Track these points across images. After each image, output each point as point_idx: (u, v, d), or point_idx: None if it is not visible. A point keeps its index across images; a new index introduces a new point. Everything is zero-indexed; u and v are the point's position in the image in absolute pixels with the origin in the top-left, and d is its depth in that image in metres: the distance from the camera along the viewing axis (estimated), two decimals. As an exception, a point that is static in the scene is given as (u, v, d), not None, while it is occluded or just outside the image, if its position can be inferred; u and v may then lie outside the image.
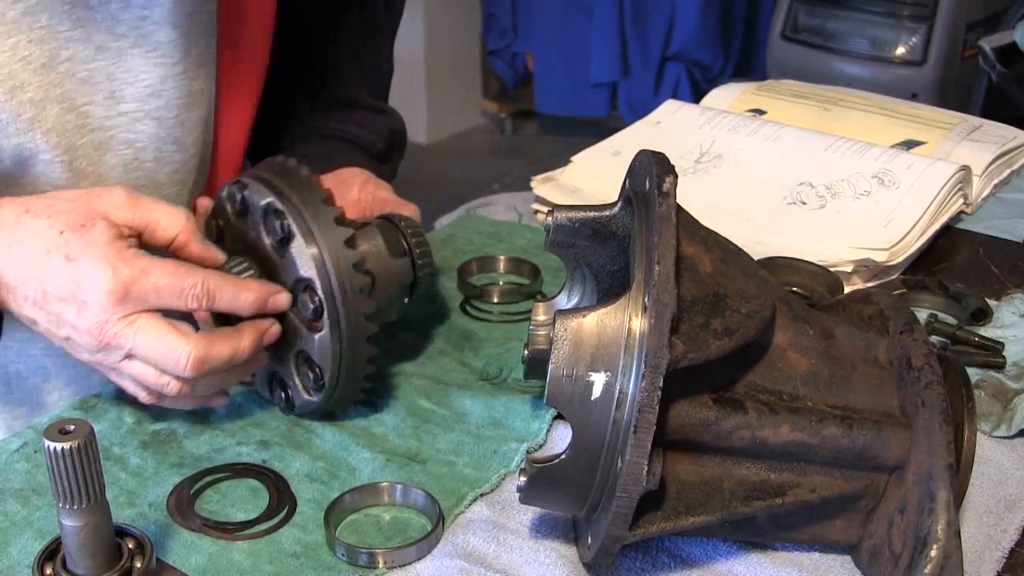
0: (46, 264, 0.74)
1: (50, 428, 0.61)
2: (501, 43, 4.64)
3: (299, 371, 0.84)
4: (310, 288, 0.79)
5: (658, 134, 1.33)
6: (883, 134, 1.31)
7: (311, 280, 0.79)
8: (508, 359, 0.96)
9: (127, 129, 0.89)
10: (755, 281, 0.69)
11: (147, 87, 0.88)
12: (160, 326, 0.76)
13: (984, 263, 1.15)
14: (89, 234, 0.74)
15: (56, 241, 0.74)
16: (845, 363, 0.71)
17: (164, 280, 0.75)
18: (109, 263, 0.74)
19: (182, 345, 0.75)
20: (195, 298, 0.76)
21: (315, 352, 0.81)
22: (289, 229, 0.79)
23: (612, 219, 0.72)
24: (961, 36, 3.13)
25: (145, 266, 0.75)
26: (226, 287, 0.78)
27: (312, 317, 0.80)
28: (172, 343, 0.75)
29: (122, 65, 0.86)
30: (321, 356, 0.81)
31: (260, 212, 0.81)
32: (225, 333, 0.79)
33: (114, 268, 0.74)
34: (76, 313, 0.74)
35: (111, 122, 0.87)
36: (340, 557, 0.73)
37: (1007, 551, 0.74)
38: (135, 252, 0.75)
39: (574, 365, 0.62)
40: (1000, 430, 0.86)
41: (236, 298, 0.79)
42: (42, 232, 0.74)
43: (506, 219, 1.27)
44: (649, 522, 0.65)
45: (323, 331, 0.80)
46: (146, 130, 0.90)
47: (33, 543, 0.73)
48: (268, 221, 0.81)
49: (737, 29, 4.27)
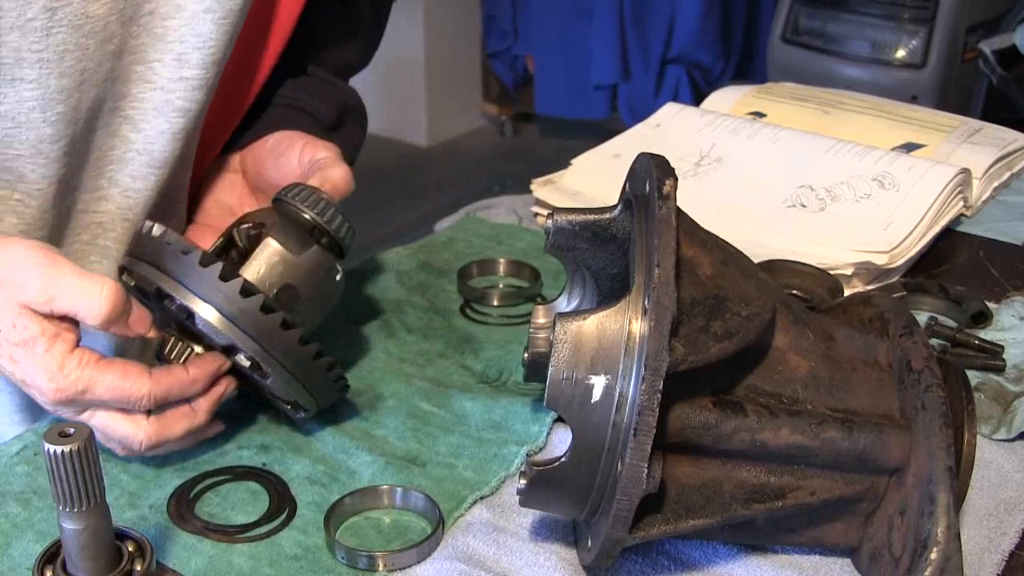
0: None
1: (50, 431, 0.61)
2: (501, 45, 4.64)
3: (276, 403, 0.84)
4: (236, 350, 0.78)
5: (658, 137, 1.33)
6: (883, 137, 1.31)
7: (233, 344, 0.77)
8: (508, 362, 0.96)
9: (184, 96, 0.87)
10: (755, 284, 0.69)
11: (213, 54, 0.86)
12: (108, 418, 0.76)
13: (984, 266, 1.15)
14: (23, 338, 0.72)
15: None
16: (845, 366, 0.71)
17: (108, 394, 0.74)
18: (51, 379, 0.72)
19: (133, 432, 0.76)
20: (141, 405, 0.76)
21: (278, 392, 0.81)
22: (187, 308, 0.76)
23: (612, 222, 0.72)
24: (961, 39, 3.14)
25: (89, 380, 0.73)
26: (174, 387, 0.77)
27: (252, 369, 0.79)
28: (123, 431, 0.76)
29: (194, 28, 0.84)
30: (283, 392, 0.81)
31: (155, 299, 0.78)
32: (177, 412, 0.79)
33: (56, 384, 0.73)
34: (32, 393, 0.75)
35: (173, 84, 0.86)
36: (340, 560, 0.73)
37: (1007, 554, 0.74)
38: (79, 360, 0.73)
39: (574, 368, 0.62)
40: (1000, 433, 0.86)
41: (186, 392, 0.78)
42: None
43: (506, 222, 1.27)
44: (649, 525, 0.65)
45: (271, 376, 0.79)
46: (201, 99, 0.88)
47: (34, 545, 0.73)
48: (166, 305, 0.78)
49: (737, 31, 4.27)
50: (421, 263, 1.15)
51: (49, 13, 0.76)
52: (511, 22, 4.56)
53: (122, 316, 0.74)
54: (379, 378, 0.94)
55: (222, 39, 0.86)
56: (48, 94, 0.79)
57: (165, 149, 0.89)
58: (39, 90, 0.78)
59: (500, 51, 4.66)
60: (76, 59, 0.78)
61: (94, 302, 0.73)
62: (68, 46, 0.77)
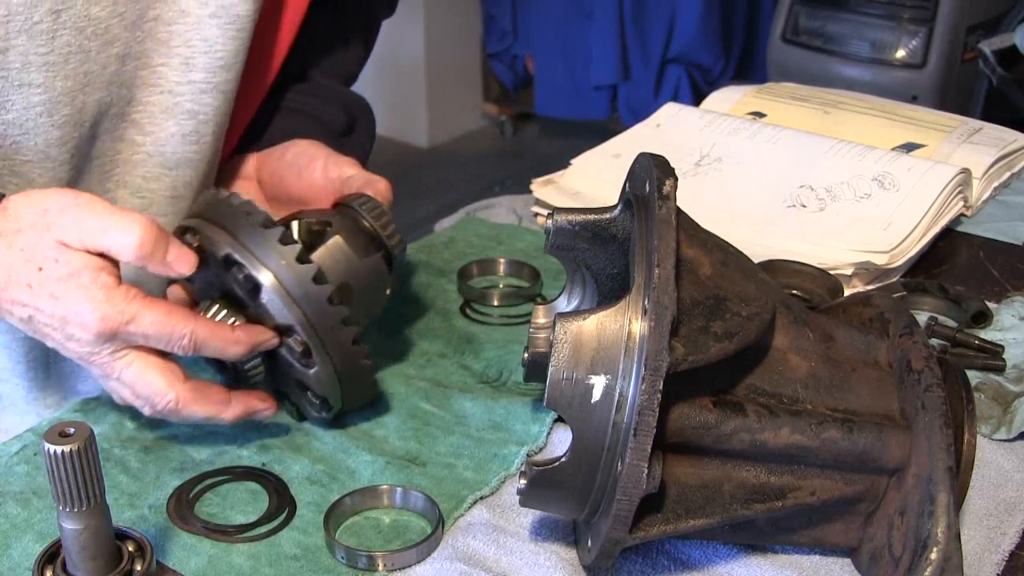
0: (30, 296, 0.73)
1: (50, 431, 0.61)
2: (501, 46, 4.64)
3: (304, 397, 0.84)
4: (291, 331, 0.78)
5: (658, 137, 1.33)
6: (883, 137, 1.31)
7: (291, 326, 0.78)
8: (508, 362, 0.96)
9: (193, 100, 0.88)
10: (755, 284, 0.69)
11: (220, 59, 0.87)
12: (147, 366, 0.76)
13: (984, 266, 1.15)
14: (68, 272, 0.73)
15: (37, 277, 0.73)
16: (845, 366, 0.71)
17: (152, 328, 0.74)
18: (96, 308, 0.72)
19: (164, 390, 0.76)
20: (182, 348, 0.76)
21: (314, 384, 0.81)
22: (255, 280, 0.77)
23: (612, 222, 0.72)
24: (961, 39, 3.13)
25: (134, 313, 0.74)
26: (214, 339, 0.77)
27: (302, 355, 0.79)
28: (155, 386, 0.76)
29: (200, 32, 0.85)
30: (321, 387, 0.81)
31: (220, 263, 0.78)
32: (213, 395, 0.79)
33: (102, 313, 0.73)
34: (64, 339, 0.74)
35: (180, 88, 0.87)
36: (340, 560, 0.73)
37: (1007, 554, 0.74)
38: (125, 293, 0.74)
39: (574, 368, 0.62)
40: (1000, 433, 0.86)
41: (224, 350, 0.78)
42: (19, 264, 0.73)
43: (506, 222, 1.27)
44: (649, 525, 0.65)
45: (316, 367, 0.79)
46: (212, 103, 0.89)
47: (34, 545, 0.73)
48: (232, 272, 0.78)
49: (738, 32, 4.27)
50: (421, 263, 1.15)
51: (54, 16, 0.76)
52: (511, 22, 4.55)
53: (157, 251, 0.74)
54: (379, 378, 0.93)
55: (229, 44, 0.86)
56: (55, 97, 0.79)
57: (177, 151, 0.89)
58: (46, 94, 0.79)
59: (500, 51, 4.65)
60: (80, 61, 0.79)
61: (129, 235, 0.73)
62: (72, 48, 0.78)
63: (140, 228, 0.73)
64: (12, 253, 0.73)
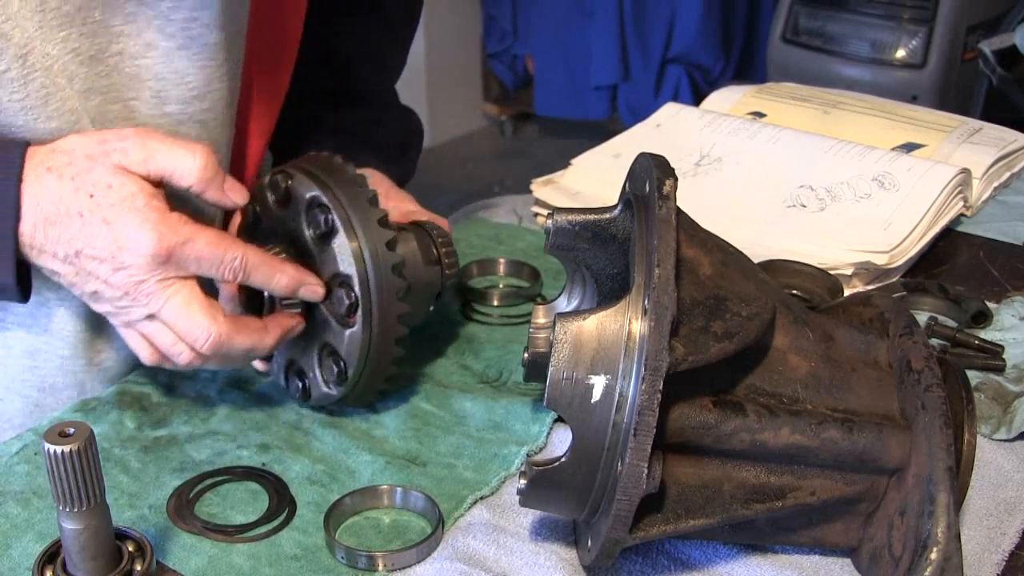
0: (80, 226, 0.74)
1: (50, 431, 0.61)
2: (501, 46, 4.64)
3: (323, 364, 0.85)
4: (347, 284, 0.80)
5: (658, 137, 1.33)
6: (883, 137, 1.31)
7: (350, 276, 0.80)
8: (508, 362, 0.96)
9: (171, 131, 0.88)
10: (755, 284, 0.69)
11: (192, 89, 0.87)
12: (192, 298, 0.77)
13: (984, 266, 1.15)
14: (122, 196, 0.75)
15: (88, 204, 0.74)
16: (845, 366, 0.71)
17: (206, 250, 0.76)
18: (153, 228, 0.74)
19: (207, 323, 0.77)
20: (232, 271, 0.77)
21: (343, 347, 0.82)
22: (333, 223, 0.80)
23: (612, 222, 0.72)
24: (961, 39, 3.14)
25: (189, 234, 0.76)
26: (264, 266, 0.79)
27: (346, 312, 0.81)
28: (198, 319, 0.77)
29: (169, 65, 0.85)
30: (349, 351, 0.82)
31: (304, 204, 0.82)
32: (251, 324, 0.80)
33: (159, 233, 0.74)
34: (111, 271, 0.75)
35: (157, 122, 0.87)
36: (340, 560, 0.73)
37: (1007, 554, 0.74)
38: (178, 217, 0.76)
39: (574, 368, 0.62)
40: (1000, 433, 0.86)
41: (271, 278, 0.80)
42: (70, 194, 0.74)
43: (506, 222, 1.27)
44: (649, 525, 0.65)
45: (355, 327, 0.81)
46: (190, 133, 0.89)
47: (34, 545, 0.73)
48: (311, 214, 0.81)
49: (737, 32, 4.27)
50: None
51: (20, 61, 0.76)
52: (511, 22, 4.56)
53: (216, 178, 0.78)
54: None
55: (200, 74, 0.87)
56: (36, 137, 0.79)
57: None
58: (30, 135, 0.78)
59: (500, 51, 4.66)
60: (61, 100, 0.79)
61: (190, 161, 0.76)
62: (49, 89, 0.78)
63: (203, 153, 0.77)
64: (63, 184, 0.74)
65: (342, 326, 0.81)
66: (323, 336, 0.84)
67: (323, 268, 0.82)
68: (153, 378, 0.93)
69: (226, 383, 0.93)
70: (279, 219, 0.85)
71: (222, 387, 0.92)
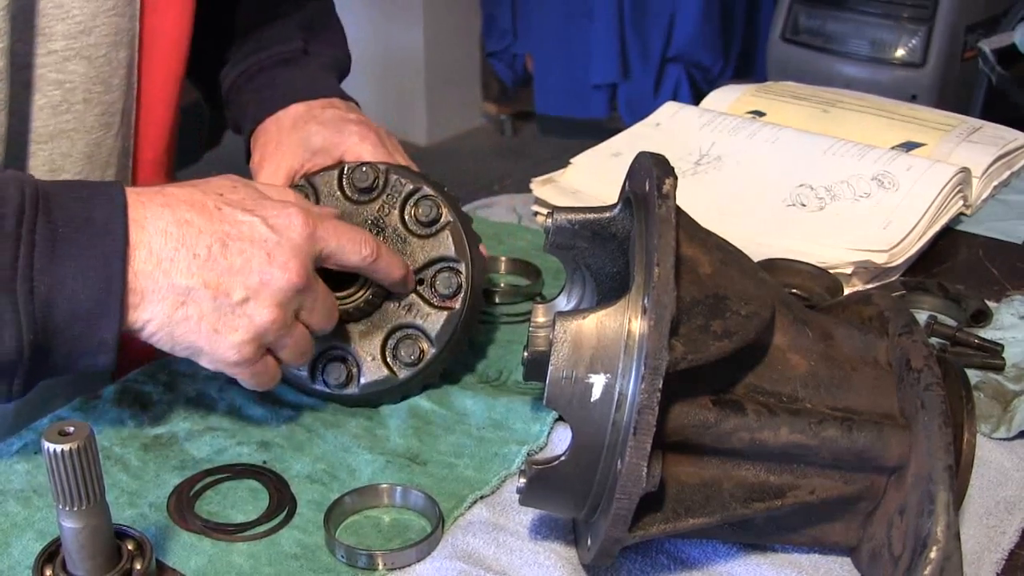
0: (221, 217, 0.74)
1: (49, 429, 0.61)
2: (500, 44, 4.64)
3: (396, 347, 0.88)
4: (454, 268, 0.88)
5: (658, 136, 1.33)
6: (883, 136, 1.31)
7: (458, 261, 0.89)
8: (508, 361, 0.96)
9: (57, 68, 0.87)
10: (755, 283, 0.69)
11: (78, 23, 0.86)
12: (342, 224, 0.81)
13: (984, 265, 1.16)
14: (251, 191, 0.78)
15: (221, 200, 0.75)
16: (845, 364, 0.71)
17: (342, 225, 0.81)
18: (293, 206, 0.77)
19: (365, 234, 0.81)
20: (368, 245, 0.81)
21: (436, 328, 0.88)
22: (442, 213, 0.90)
23: (612, 221, 0.72)
24: (961, 38, 3.14)
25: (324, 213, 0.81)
26: (389, 254, 0.84)
27: (451, 295, 0.88)
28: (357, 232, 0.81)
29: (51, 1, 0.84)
30: (442, 332, 0.88)
31: (405, 195, 0.90)
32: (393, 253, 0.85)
33: (300, 208, 0.77)
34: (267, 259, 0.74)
35: (41, 60, 0.86)
36: (340, 559, 0.73)
37: (1007, 553, 0.74)
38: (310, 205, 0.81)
39: (574, 367, 0.62)
40: (1000, 432, 0.86)
41: (391, 267, 0.84)
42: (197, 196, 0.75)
43: (506, 221, 1.27)
44: (648, 524, 0.65)
45: (455, 308, 0.88)
46: (77, 69, 0.88)
47: (34, 544, 0.73)
48: (419, 204, 0.90)
49: (737, 31, 4.27)
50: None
51: None
52: (511, 21, 4.56)
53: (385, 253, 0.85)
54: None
55: (86, 7, 0.86)
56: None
57: (48, 123, 0.89)
58: None
59: (499, 50, 4.66)
60: None
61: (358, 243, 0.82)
62: None
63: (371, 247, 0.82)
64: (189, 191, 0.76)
65: (440, 309, 0.88)
66: (397, 321, 0.89)
67: (422, 255, 0.89)
68: (153, 376, 0.93)
69: (227, 380, 0.92)
70: (352, 211, 0.91)
71: (222, 385, 0.92)
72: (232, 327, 0.74)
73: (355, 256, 0.80)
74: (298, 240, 0.76)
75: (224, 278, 0.73)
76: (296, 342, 0.78)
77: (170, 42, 0.98)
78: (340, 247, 0.79)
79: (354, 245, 0.80)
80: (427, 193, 0.90)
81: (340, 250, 0.79)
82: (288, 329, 0.76)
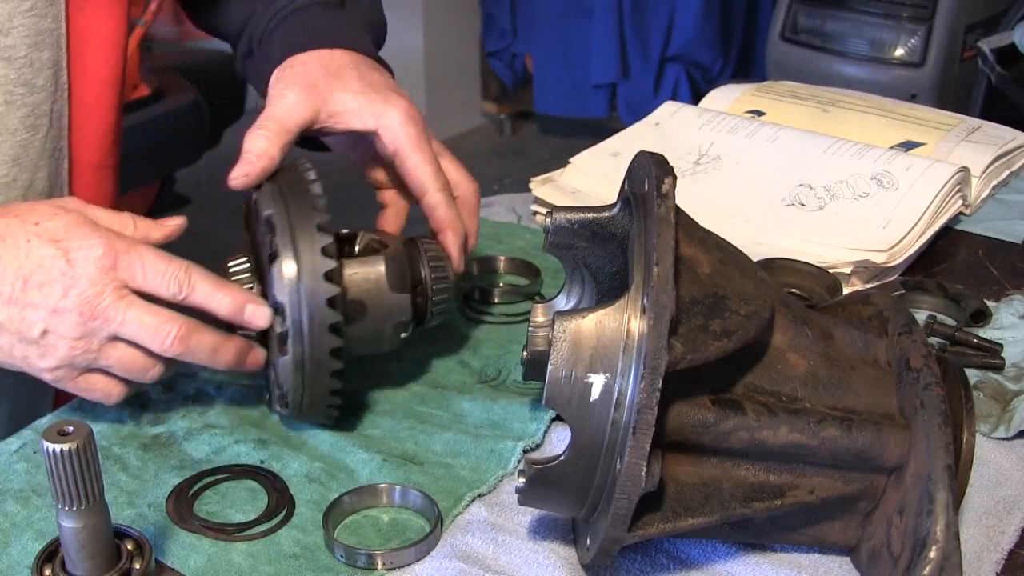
0: (28, 251, 0.75)
1: (49, 429, 0.61)
2: (500, 44, 4.64)
3: (269, 384, 0.84)
4: (282, 312, 0.78)
5: (657, 135, 1.33)
6: (882, 135, 1.31)
7: (283, 305, 0.77)
8: (507, 360, 0.96)
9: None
10: (754, 282, 0.69)
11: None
12: (150, 305, 0.77)
13: (983, 264, 1.15)
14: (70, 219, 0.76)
15: (35, 230, 0.75)
16: (844, 364, 0.71)
17: (151, 257, 0.77)
18: (101, 236, 0.76)
19: (170, 320, 0.76)
20: (176, 281, 0.77)
21: (279, 374, 0.80)
22: (276, 248, 0.77)
23: (611, 220, 0.72)
24: (960, 37, 3.14)
25: (135, 243, 0.77)
26: (207, 281, 0.78)
27: (280, 341, 0.79)
28: (160, 318, 0.76)
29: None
30: (283, 379, 0.80)
31: (263, 222, 0.80)
32: (213, 330, 0.79)
33: (106, 239, 0.76)
34: (63, 293, 0.75)
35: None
36: (339, 558, 0.73)
37: (1006, 552, 0.74)
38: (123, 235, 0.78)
39: (573, 366, 0.62)
40: (999, 431, 0.86)
41: (213, 295, 0.78)
42: (14, 227, 0.76)
43: (505, 220, 1.27)
44: (648, 523, 0.65)
45: (287, 356, 0.79)
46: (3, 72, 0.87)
47: (33, 544, 0.73)
48: (264, 233, 0.79)
49: (736, 30, 4.27)
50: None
51: None
52: (510, 21, 4.55)
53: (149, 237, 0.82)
54: (378, 376, 0.93)
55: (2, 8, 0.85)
56: None
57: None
58: None
59: (499, 50, 4.65)
60: None
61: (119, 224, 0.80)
62: None
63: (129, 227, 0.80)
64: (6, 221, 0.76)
65: (279, 353, 0.79)
66: (271, 357, 0.82)
67: (269, 292, 0.79)
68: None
69: (226, 379, 0.92)
70: (253, 232, 0.83)
71: (221, 384, 0.92)
72: (39, 355, 0.77)
73: (163, 291, 0.77)
74: (95, 273, 0.75)
75: (26, 313, 0.76)
76: (121, 361, 0.78)
77: (102, 41, 0.96)
78: (145, 280, 0.77)
79: (160, 280, 0.77)
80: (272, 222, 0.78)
81: (146, 284, 0.77)
82: (100, 352, 0.77)
